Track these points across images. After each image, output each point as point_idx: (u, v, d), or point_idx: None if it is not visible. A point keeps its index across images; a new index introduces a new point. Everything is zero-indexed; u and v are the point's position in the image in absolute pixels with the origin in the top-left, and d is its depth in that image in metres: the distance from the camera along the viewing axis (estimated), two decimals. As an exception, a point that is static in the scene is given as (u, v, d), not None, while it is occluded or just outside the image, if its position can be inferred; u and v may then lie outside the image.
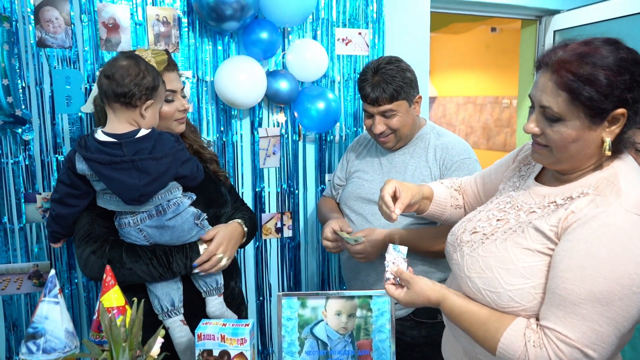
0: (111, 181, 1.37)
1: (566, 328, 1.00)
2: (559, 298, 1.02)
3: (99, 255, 1.43)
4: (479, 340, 1.13)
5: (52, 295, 1.10)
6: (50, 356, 1.07)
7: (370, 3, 2.32)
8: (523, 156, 1.33)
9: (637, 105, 1.03)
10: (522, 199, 1.20)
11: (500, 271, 1.11)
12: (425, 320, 1.81)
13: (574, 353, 0.99)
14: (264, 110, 2.23)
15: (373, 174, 1.87)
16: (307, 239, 2.42)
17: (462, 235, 1.26)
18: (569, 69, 1.02)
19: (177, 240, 1.49)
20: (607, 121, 1.04)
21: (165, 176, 1.42)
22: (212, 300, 1.57)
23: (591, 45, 1.04)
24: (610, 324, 0.98)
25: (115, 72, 1.38)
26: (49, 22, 1.83)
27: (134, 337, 1.10)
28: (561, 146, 1.08)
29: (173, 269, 1.47)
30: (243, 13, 1.91)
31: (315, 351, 1.50)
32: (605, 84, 1.00)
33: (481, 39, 6.14)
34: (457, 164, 1.74)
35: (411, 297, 1.23)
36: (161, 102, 1.48)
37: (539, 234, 1.09)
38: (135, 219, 1.46)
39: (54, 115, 1.89)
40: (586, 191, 1.07)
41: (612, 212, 1.00)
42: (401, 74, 1.72)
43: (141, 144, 1.39)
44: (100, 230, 1.47)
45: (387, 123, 1.74)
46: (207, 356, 1.37)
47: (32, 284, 1.93)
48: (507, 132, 6.09)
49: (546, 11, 2.99)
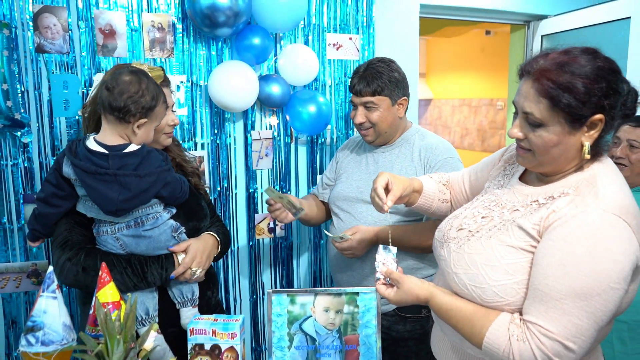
0: (92, 190, 1.39)
1: (548, 322, 1.04)
2: (540, 294, 1.06)
3: (74, 262, 1.44)
4: (466, 335, 1.18)
5: (50, 290, 1.15)
6: (48, 348, 1.11)
7: (360, 9, 2.38)
8: (508, 156, 1.38)
9: (613, 111, 1.08)
10: (506, 197, 1.25)
11: (485, 268, 1.15)
12: (409, 315, 1.86)
13: (555, 346, 1.03)
14: (256, 114, 2.28)
15: (360, 174, 1.93)
16: (299, 239, 2.47)
17: (448, 231, 1.30)
18: (549, 77, 1.07)
19: (152, 251, 1.50)
20: (586, 126, 1.09)
21: (145, 194, 1.43)
22: (187, 311, 1.58)
23: (570, 54, 1.10)
24: (589, 317, 1.03)
25: (116, 85, 1.40)
26: (47, 28, 1.88)
27: (128, 331, 1.15)
28: (543, 150, 1.13)
29: (147, 279, 1.48)
30: (236, 19, 1.96)
31: (304, 346, 1.54)
32: (583, 91, 1.05)
33: (476, 42, 6.18)
34: (441, 162, 1.80)
35: (401, 296, 1.27)
36: (157, 122, 1.49)
37: (522, 231, 1.13)
38: (113, 227, 1.47)
39: (52, 118, 1.95)
40: (567, 191, 1.12)
41: (590, 212, 1.05)
42: (389, 73, 1.81)
43: (127, 159, 1.41)
44: (77, 238, 1.48)
45: (367, 115, 1.82)
46: (198, 350, 1.42)
47: (31, 283, 1.99)
48: (502, 134, 6.12)
49: (534, 16, 3.05)
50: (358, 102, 1.84)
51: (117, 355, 1.11)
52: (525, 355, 1.06)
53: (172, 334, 1.54)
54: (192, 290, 1.59)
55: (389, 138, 1.90)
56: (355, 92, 1.83)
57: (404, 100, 1.86)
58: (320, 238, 2.48)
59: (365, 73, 1.81)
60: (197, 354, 1.42)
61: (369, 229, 1.80)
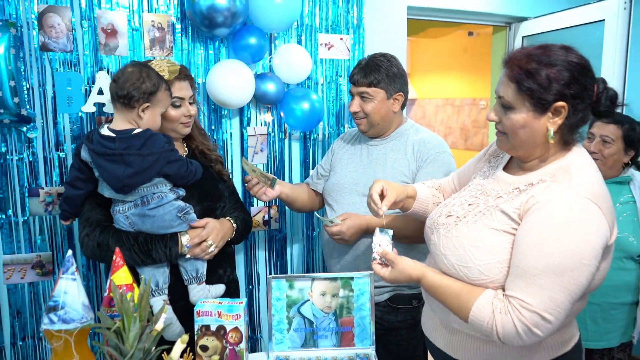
0: (102, 169, 1.57)
1: (527, 296, 1.15)
2: (521, 271, 1.17)
3: (91, 238, 1.61)
4: (454, 310, 1.28)
5: (70, 272, 1.23)
6: (69, 326, 1.19)
7: (350, 10, 2.48)
8: (492, 150, 1.50)
9: (576, 101, 1.20)
10: (491, 186, 1.36)
11: (471, 249, 1.26)
12: (401, 306, 1.95)
13: (533, 317, 1.14)
14: (252, 110, 2.37)
15: (355, 165, 2.01)
16: (293, 231, 2.56)
17: (438, 218, 1.41)
18: (518, 64, 1.21)
19: (157, 229, 1.63)
20: (550, 112, 1.20)
21: (148, 172, 1.57)
22: (193, 288, 1.70)
23: (546, 48, 1.22)
24: (564, 291, 1.14)
25: (121, 76, 1.59)
26: (52, 27, 1.95)
27: (142, 310, 1.24)
28: (512, 132, 1.24)
29: (153, 256, 1.62)
30: (233, 20, 2.05)
31: (302, 328, 1.62)
32: (544, 77, 1.17)
33: (459, 43, 6.30)
34: (432, 157, 1.88)
35: (395, 275, 1.37)
36: (162, 107, 1.64)
37: (504, 216, 1.24)
38: (124, 206, 1.62)
39: (55, 114, 2.01)
40: (544, 178, 1.23)
41: (564, 197, 1.16)
42: (387, 67, 1.89)
43: (132, 141, 1.56)
44: (97, 217, 1.66)
45: (362, 105, 1.91)
46: (205, 331, 1.51)
47: (36, 274, 2.05)
48: (484, 133, 6.22)
49: (515, 18, 3.19)
50: (355, 91, 1.92)
51: (133, 332, 1.20)
52: (507, 326, 1.16)
53: (182, 308, 1.67)
54: (196, 269, 1.70)
55: (382, 131, 1.97)
56: (354, 82, 1.92)
57: (399, 95, 1.92)
58: (313, 230, 2.58)
59: (365, 65, 1.90)
60: (204, 334, 1.51)
61: (360, 217, 1.86)
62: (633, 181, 2.08)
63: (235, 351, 1.52)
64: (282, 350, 1.63)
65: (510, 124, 1.24)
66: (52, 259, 2.06)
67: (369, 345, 1.63)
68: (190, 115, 1.74)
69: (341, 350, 1.62)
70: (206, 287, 1.73)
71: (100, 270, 2.15)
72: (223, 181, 1.87)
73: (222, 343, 1.51)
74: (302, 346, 1.63)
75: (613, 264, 1.96)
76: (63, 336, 1.19)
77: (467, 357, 1.35)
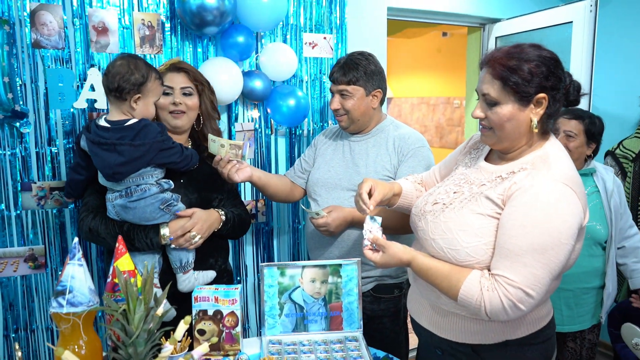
0: (96, 157, 1.65)
1: (512, 273, 1.24)
2: (506, 251, 1.26)
3: (86, 222, 1.72)
4: (444, 290, 1.36)
5: (77, 258, 1.28)
6: (77, 309, 1.24)
7: (334, 11, 2.57)
8: (472, 143, 1.60)
9: (554, 92, 1.31)
10: (473, 175, 1.46)
11: (459, 232, 1.35)
12: (383, 295, 2.03)
13: (518, 293, 1.24)
14: (239, 107, 2.43)
15: (338, 161, 2.08)
16: (279, 224, 2.64)
17: (424, 206, 1.50)
18: (501, 62, 1.31)
19: (139, 221, 1.69)
20: (533, 104, 1.31)
21: (139, 161, 1.63)
22: (180, 277, 1.76)
23: (519, 47, 1.34)
24: (544, 268, 1.24)
25: (110, 70, 1.66)
26: (44, 25, 1.98)
27: (146, 294, 1.30)
28: (499, 125, 1.34)
29: (135, 245, 1.68)
30: (222, 19, 2.11)
31: (293, 314, 1.70)
32: (527, 72, 1.29)
33: (433, 43, 6.42)
34: (412, 151, 1.97)
35: (386, 259, 1.44)
36: (154, 96, 1.71)
37: (489, 201, 1.34)
38: (113, 195, 1.69)
39: (47, 110, 2.04)
40: (525, 167, 1.33)
41: (544, 182, 1.26)
42: (365, 65, 1.96)
43: (125, 131, 1.64)
44: (94, 203, 1.76)
45: (342, 103, 1.98)
46: (202, 315, 1.58)
47: (28, 267, 2.08)
48: (459, 131, 6.35)
49: (489, 19, 3.32)
50: (335, 89, 2.00)
51: (139, 314, 1.26)
52: (494, 302, 1.25)
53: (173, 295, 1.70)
54: (179, 259, 1.75)
55: (363, 126, 2.04)
56: (333, 80, 1.99)
57: (378, 92, 2.00)
58: (299, 223, 2.66)
59: (344, 64, 1.97)
60: (201, 319, 1.58)
61: (344, 209, 1.93)
62: (596, 173, 2.22)
63: (232, 334, 1.59)
64: (274, 334, 1.70)
65: (497, 118, 1.33)
66: (45, 252, 2.09)
67: (357, 329, 1.72)
68: (175, 103, 1.79)
69: (330, 334, 1.70)
70: (193, 275, 1.78)
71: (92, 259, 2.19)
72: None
73: (219, 327, 1.58)
74: (293, 330, 1.71)
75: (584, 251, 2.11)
76: (72, 319, 1.24)
77: (454, 336, 1.44)
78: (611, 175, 2.23)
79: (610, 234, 2.16)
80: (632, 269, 2.23)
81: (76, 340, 1.27)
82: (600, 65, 3.07)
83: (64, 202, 2.10)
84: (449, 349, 1.47)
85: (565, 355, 2.27)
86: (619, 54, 3.24)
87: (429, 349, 1.57)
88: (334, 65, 2.02)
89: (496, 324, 1.37)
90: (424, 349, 1.63)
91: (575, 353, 2.25)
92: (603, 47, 3.15)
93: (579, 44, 2.76)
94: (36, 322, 2.13)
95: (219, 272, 1.90)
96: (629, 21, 3.18)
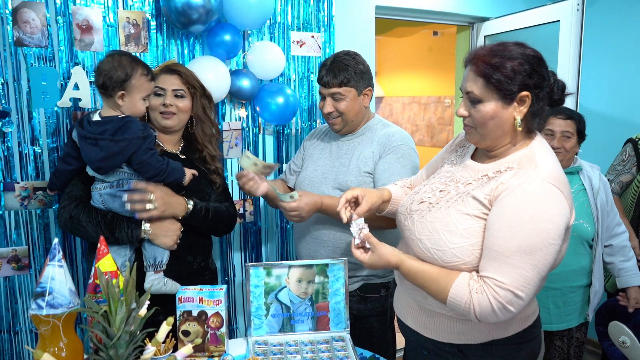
0: (82, 150, 1.68)
1: (501, 275, 1.23)
2: (494, 253, 1.25)
3: (67, 210, 1.72)
4: (432, 293, 1.35)
5: (57, 259, 1.27)
6: (57, 310, 1.22)
7: (321, 9, 2.56)
8: (458, 141, 1.59)
9: (537, 90, 1.30)
10: (460, 173, 1.45)
11: (445, 233, 1.34)
12: (370, 295, 2.03)
13: (507, 294, 1.23)
14: (227, 106, 2.41)
15: (325, 160, 2.08)
16: (267, 224, 2.62)
17: (411, 205, 1.49)
18: (484, 60, 1.31)
19: (124, 211, 1.68)
20: (516, 102, 1.31)
21: (118, 156, 1.65)
22: (149, 275, 1.74)
23: (503, 45, 1.33)
24: (533, 269, 1.23)
25: (98, 68, 1.69)
26: (27, 23, 1.95)
27: (128, 295, 1.29)
28: (482, 123, 1.34)
29: (115, 235, 1.68)
30: (208, 17, 2.10)
31: (280, 314, 1.69)
32: (510, 69, 1.28)
33: (424, 42, 6.43)
34: (393, 148, 1.95)
35: (374, 260, 1.43)
36: (140, 92, 1.71)
37: (475, 201, 1.33)
38: (102, 185, 1.71)
39: (30, 109, 2.01)
40: (511, 166, 1.32)
41: (531, 182, 1.25)
42: (354, 65, 1.95)
43: (107, 125, 1.66)
44: (77, 193, 1.77)
45: (335, 105, 1.96)
46: (187, 316, 1.57)
47: (11, 268, 2.05)
48: (450, 130, 6.36)
49: (477, 18, 3.33)
50: (326, 93, 1.97)
51: (120, 316, 1.24)
52: (483, 305, 1.24)
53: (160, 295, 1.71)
54: (154, 256, 1.74)
55: (354, 126, 2.03)
56: (324, 84, 1.96)
57: (368, 90, 2.00)
58: (287, 222, 2.64)
59: (332, 66, 1.94)
60: (186, 320, 1.57)
61: (315, 195, 1.88)
62: (582, 171, 2.22)
63: (217, 335, 1.58)
64: (260, 335, 1.69)
65: (480, 116, 1.33)
66: (28, 253, 2.07)
67: (344, 329, 1.71)
68: (165, 104, 1.80)
69: (317, 334, 1.69)
70: (163, 278, 1.75)
71: (76, 260, 2.17)
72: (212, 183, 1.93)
73: (204, 328, 1.57)
74: (280, 331, 1.70)
75: (571, 250, 2.14)
76: (51, 321, 1.23)
77: (439, 336, 1.43)
78: (597, 173, 2.24)
79: (597, 232, 2.17)
80: (619, 267, 2.24)
81: (56, 343, 1.25)
82: (587, 64, 3.08)
83: (47, 203, 2.08)
84: (434, 349, 1.46)
85: (553, 353, 2.27)
86: (606, 53, 3.26)
87: (415, 349, 1.56)
88: (320, 68, 1.99)
89: (482, 324, 1.36)
90: (411, 349, 1.62)
91: (563, 352, 2.26)
92: (590, 46, 3.17)
93: (566, 43, 2.77)
94: (20, 324, 2.10)
95: (199, 270, 1.90)
96: (616, 20, 3.20)
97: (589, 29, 2.92)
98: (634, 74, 3.06)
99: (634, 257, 2.27)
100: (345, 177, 1.97)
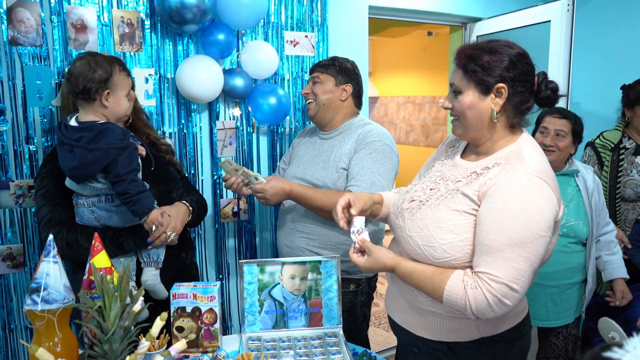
0: (59, 155, 1.62)
1: (494, 269, 1.24)
2: (486, 247, 1.26)
3: (59, 238, 1.63)
4: (428, 292, 1.36)
5: (52, 256, 1.28)
6: (52, 306, 1.24)
7: (315, 9, 2.58)
8: (448, 142, 1.62)
9: (515, 84, 1.33)
10: (449, 172, 1.46)
11: (436, 229, 1.35)
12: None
13: (502, 288, 1.24)
14: (221, 105, 2.43)
15: (307, 157, 2.13)
16: (262, 222, 2.64)
17: (402, 204, 1.50)
18: (465, 53, 1.35)
19: (125, 224, 1.69)
20: (493, 94, 1.33)
21: (91, 167, 1.57)
22: (148, 270, 1.76)
23: (491, 41, 1.37)
24: (526, 261, 1.24)
25: (72, 74, 1.61)
26: (21, 22, 1.97)
27: (122, 290, 1.30)
28: (461, 112, 1.37)
29: (124, 247, 1.68)
30: (202, 17, 2.11)
31: (273, 310, 1.71)
32: (486, 61, 1.32)
33: (419, 43, 6.47)
34: (367, 143, 1.98)
35: (370, 264, 1.44)
36: (123, 88, 1.67)
37: (465, 197, 1.34)
38: (89, 201, 1.66)
39: (25, 108, 2.02)
40: (499, 162, 1.34)
41: (518, 176, 1.27)
42: (342, 61, 2.10)
43: (83, 132, 1.60)
44: (59, 217, 1.68)
45: (312, 88, 2.10)
46: (181, 313, 1.58)
47: (6, 266, 2.06)
48: (444, 130, 6.38)
49: (470, 19, 3.35)
50: (310, 78, 2.11)
51: (114, 311, 1.26)
52: (479, 299, 1.25)
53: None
54: (157, 254, 1.76)
55: (329, 117, 2.09)
56: (310, 71, 2.12)
57: (347, 86, 2.07)
58: (281, 221, 2.66)
59: (324, 59, 2.12)
60: (180, 316, 1.58)
61: (285, 181, 1.92)
62: (579, 174, 2.26)
63: (210, 331, 1.59)
64: (254, 331, 1.70)
65: (460, 106, 1.37)
66: (23, 251, 2.08)
67: (337, 325, 1.73)
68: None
69: (310, 330, 1.71)
70: (159, 276, 1.77)
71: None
72: (173, 165, 1.94)
73: (198, 324, 1.59)
74: (273, 327, 1.71)
75: (567, 249, 2.17)
76: (46, 316, 1.24)
77: (429, 334, 1.45)
78: (591, 174, 2.27)
79: (591, 231, 2.20)
80: (604, 260, 2.28)
81: (51, 338, 1.26)
82: (578, 64, 3.11)
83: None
84: (425, 347, 1.48)
85: (549, 350, 2.30)
86: (596, 53, 3.29)
87: (406, 347, 1.58)
88: None
89: (472, 322, 1.38)
90: (402, 347, 1.64)
91: (558, 348, 2.29)
92: (580, 46, 3.20)
93: (557, 42, 2.80)
94: (15, 321, 2.11)
95: (189, 266, 1.93)
96: (606, 20, 3.23)
97: (580, 29, 2.95)
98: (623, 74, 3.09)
99: (620, 251, 2.32)
100: (324, 173, 2.02)
